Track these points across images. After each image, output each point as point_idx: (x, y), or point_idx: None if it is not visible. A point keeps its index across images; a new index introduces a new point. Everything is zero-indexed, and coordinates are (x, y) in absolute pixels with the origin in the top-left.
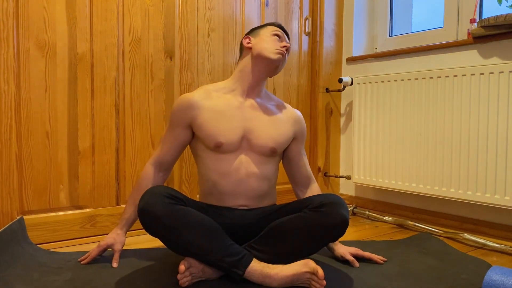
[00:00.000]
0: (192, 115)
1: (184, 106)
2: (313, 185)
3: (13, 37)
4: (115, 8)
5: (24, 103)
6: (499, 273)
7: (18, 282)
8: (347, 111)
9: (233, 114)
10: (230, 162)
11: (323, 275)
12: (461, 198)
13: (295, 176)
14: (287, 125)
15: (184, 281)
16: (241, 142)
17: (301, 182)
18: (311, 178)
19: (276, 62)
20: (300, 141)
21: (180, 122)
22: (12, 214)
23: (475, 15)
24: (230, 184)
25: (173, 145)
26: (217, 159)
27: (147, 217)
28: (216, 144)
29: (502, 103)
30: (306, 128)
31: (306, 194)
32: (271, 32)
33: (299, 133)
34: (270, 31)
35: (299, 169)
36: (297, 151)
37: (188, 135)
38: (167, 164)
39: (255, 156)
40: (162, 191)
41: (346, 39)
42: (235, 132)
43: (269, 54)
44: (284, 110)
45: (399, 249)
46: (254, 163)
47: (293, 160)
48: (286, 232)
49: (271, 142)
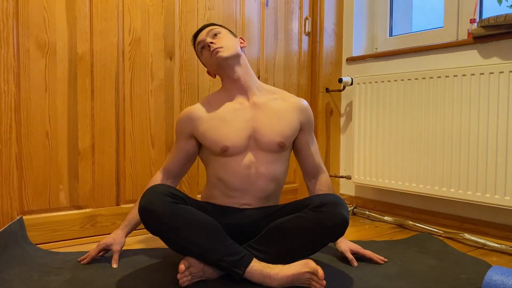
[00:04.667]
0: (193, 126)
1: (184, 118)
2: (322, 176)
3: (13, 37)
4: (115, 8)
5: (24, 103)
6: (499, 273)
7: (18, 282)
8: (347, 111)
9: (235, 116)
10: (239, 164)
11: (323, 275)
12: (461, 198)
13: (304, 166)
14: (292, 116)
15: (184, 281)
16: (249, 143)
17: (310, 172)
18: (321, 168)
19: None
20: (307, 130)
21: (182, 134)
22: (12, 214)
23: (475, 15)
24: (240, 185)
25: (178, 155)
26: (227, 161)
27: (148, 215)
28: (222, 148)
29: (502, 103)
30: (313, 116)
31: (315, 184)
32: (198, 49)
33: (306, 122)
34: (197, 48)
35: (307, 159)
36: (305, 141)
37: (192, 145)
38: (174, 173)
39: (264, 154)
40: (163, 189)
41: (346, 39)
42: (240, 134)
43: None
44: (288, 101)
45: (399, 249)
46: (263, 162)
47: (301, 150)
48: (286, 232)
49: (278, 137)
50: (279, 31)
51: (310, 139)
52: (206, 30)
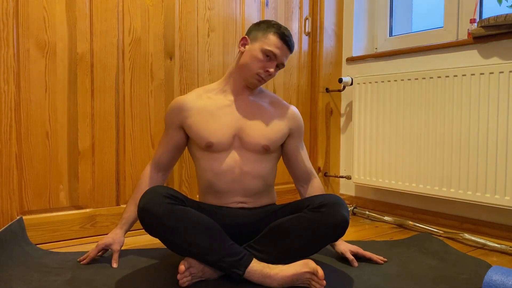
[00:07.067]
0: (182, 117)
1: (175, 108)
2: (313, 181)
3: (13, 37)
4: (115, 8)
5: (24, 103)
6: (499, 273)
7: (18, 283)
8: (347, 111)
9: (223, 113)
10: (223, 161)
11: (323, 275)
12: (461, 198)
13: (295, 172)
14: (281, 122)
15: (184, 281)
16: (233, 141)
17: (301, 178)
18: (311, 173)
19: (252, 84)
20: (296, 137)
21: (172, 124)
22: (12, 214)
23: (475, 15)
24: (225, 183)
25: (168, 147)
26: (211, 158)
27: (147, 217)
28: (207, 144)
29: (502, 103)
30: (303, 123)
31: (307, 190)
32: (266, 49)
33: (295, 129)
34: (266, 46)
35: (298, 165)
36: (294, 146)
37: (181, 137)
38: (164, 165)
39: (248, 154)
40: (162, 191)
41: (346, 39)
42: (226, 132)
43: (248, 74)
44: (279, 107)
45: (399, 249)
46: (247, 161)
47: (291, 156)
48: (286, 232)
49: (263, 140)
50: None
51: (300, 145)
52: (286, 53)
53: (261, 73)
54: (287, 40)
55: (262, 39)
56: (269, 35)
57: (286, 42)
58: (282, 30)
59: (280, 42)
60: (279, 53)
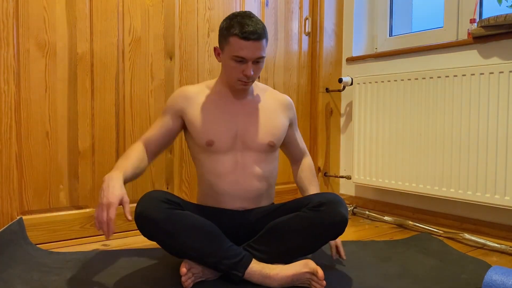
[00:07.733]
0: (184, 106)
1: (178, 95)
2: (305, 159)
3: (13, 37)
4: (115, 8)
5: (24, 103)
6: (499, 273)
7: (18, 283)
8: (347, 111)
9: (225, 112)
10: (225, 163)
11: (323, 275)
12: (461, 198)
13: (292, 154)
14: (282, 115)
15: (189, 282)
16: (235, 142)
17: (297, 158)
18: (305, 152)
19: (240, 89)
20: (294, 124)
21: (171, 109)
22: (12, 214)
23: (475, 15)
24: (226, 186)
25: (159, 130)
26: (213, 160)
27: (145, 222)
28: (208, 142)
29: (502, 103)
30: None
31: (299, 168)
32: (233, 55)
33: (293, 118)
34: (232, 52)
35: (294, 149)
36: (292, 133)
37: (176, 125)
38: (152, 147)
39: (252, 154)
40: (159, 196)
41: (346, 39)
42: (227, 131)
43: (231, 82)
44: (274, 98)
45: (399, 249)
46: (251, 162)
47: (289, 143)
48: (285, 231)
49: (268, 137)
50: (279, 31)
51: (296, 131)
52: (255, 47)
53: (241, 77)
54: (248, 34)
55: (227, 47)
56: (230, 40)
57: (249, 37)
58: (240, 27)
59: (243, 41)
60: (247, 52)
